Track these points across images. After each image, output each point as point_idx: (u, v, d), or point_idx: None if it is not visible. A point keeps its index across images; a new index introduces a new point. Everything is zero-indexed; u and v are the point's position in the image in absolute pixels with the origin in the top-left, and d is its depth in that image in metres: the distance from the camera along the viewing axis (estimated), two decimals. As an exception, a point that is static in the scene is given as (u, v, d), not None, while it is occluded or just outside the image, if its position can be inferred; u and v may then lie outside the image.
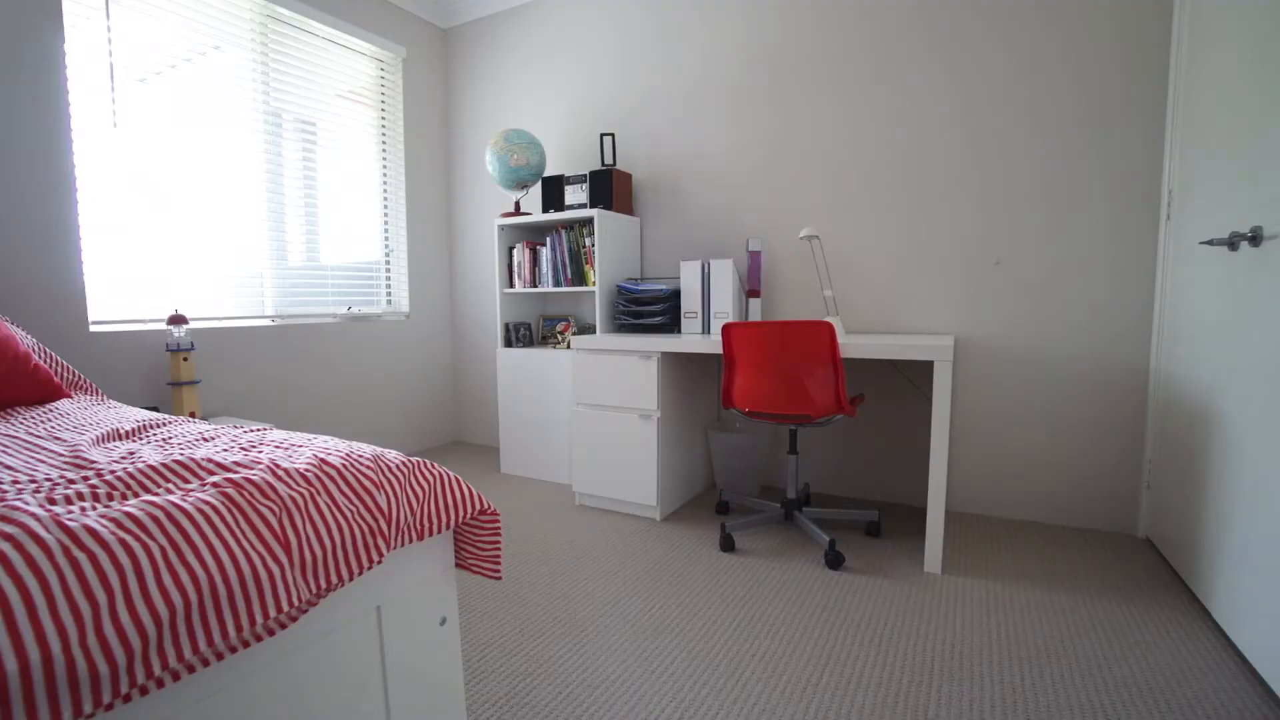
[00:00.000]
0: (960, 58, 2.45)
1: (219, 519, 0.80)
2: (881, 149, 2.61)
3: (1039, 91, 2.33)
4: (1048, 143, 2.33)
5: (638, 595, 1.91)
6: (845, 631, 1.70)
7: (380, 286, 3.54)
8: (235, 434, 1.23)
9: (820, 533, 2.15)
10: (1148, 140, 2.19)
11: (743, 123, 2.89)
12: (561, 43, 3.37)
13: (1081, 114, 2.27)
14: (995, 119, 2.41)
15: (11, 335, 1.70)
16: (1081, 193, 2.30)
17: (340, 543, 0.89)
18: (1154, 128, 2.18)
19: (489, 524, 1.13)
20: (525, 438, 3.16)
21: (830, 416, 2.15)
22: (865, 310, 2.71)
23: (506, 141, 2.99)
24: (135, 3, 2.44)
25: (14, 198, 2.11)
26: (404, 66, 3.56)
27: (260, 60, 2.88)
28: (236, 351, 2.80)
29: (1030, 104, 2.35)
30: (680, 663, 1.56)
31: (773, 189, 2.85)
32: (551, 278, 3.07)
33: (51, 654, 0.61)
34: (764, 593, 1.92)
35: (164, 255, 2.57)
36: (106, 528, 0.72)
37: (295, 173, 3.07)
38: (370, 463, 1.00)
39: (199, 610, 0.74)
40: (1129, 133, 2.22)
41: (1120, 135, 2.23)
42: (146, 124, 2.50)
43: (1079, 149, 2.29)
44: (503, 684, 1.48)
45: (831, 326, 2.03)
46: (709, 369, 2.96)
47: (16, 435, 1.26)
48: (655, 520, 2.54)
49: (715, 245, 3.01)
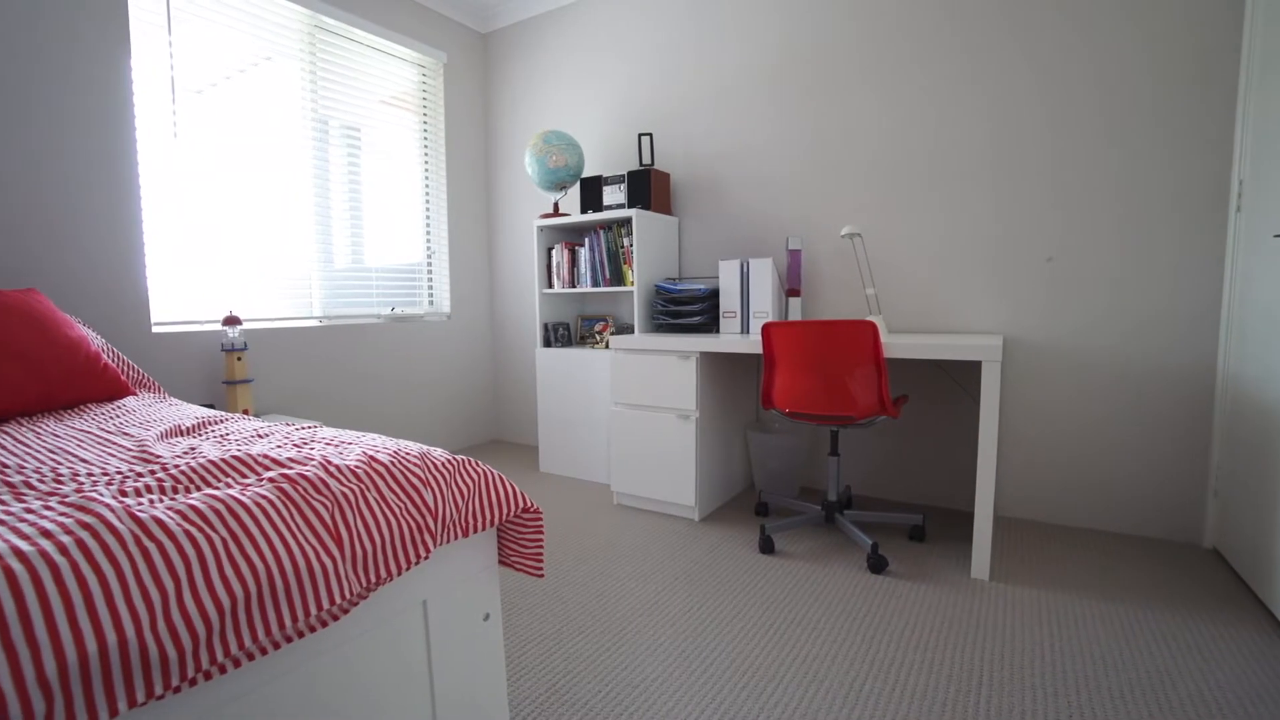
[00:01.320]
0: (1011, 50, 2.37)
1: (275, 513, 0.83)
2: (927, 144, 2.55)
3: (1098, 81, 2.24)
4: (1107, 133, 2.24)
5: (677, 595, 1.91)
6: (889, 637, 1.66)
7: (422, 288, 3.62)
8: (288, 431, 1.27)
9: (862, 536, 2.11)
10: (1216, 126, 2.08)
11: (782, 119, 2.86)
12: (599, 44, 3.38)
13: (1144, 102, 2.18)
14: (1048, 112, 2.32)
15: (84, 337, 1.80)
16: (1141, 183, 2.20)
17: (389, 538, 0.91)
18: (1223, 114, 2.07)
19: (532, 522, 1.14)
20: (564, 437, 3.19)
21: (873, 417, 2.10)
22: (908, 309, 2.65)
23: (545, 143, 3.02)
24: (194, 19, 2.54)
25: (86, 209, 2.23)
26: (445, 71, 3.63)
27: (309, 70, 2.97)
28: (286, 351, 2.90)
29: (1088, 93, 2.26)
30: (720, 665, 1.55)
31: (813, 186, 2.81)
32: (590, 278, 3.09)
33: (126, 638, 0.64)
34: (804, 596, 1.90)
35: (219, 259, 2.68)
36: (173, 519, 0.75)
37: (341, 177, 3.17)
38: (417, 460, 1.02)
39: (258, 600, 0.76)
40: (1195, 119, 2.11)
41: (1185, 122, 2.13)
42: (203, 134, 2.61)
43: (1140, 138, 2.19)
44: (543, 681, 1.50)
45: (874, 326, 2.00)
46: (748, 369, 2.93)
47: (89, 430, 1.33)
48: (694, 521, 2.53)
49: (754, 244, 2.98)
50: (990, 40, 2.40)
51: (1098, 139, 2.25)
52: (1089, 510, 2.38)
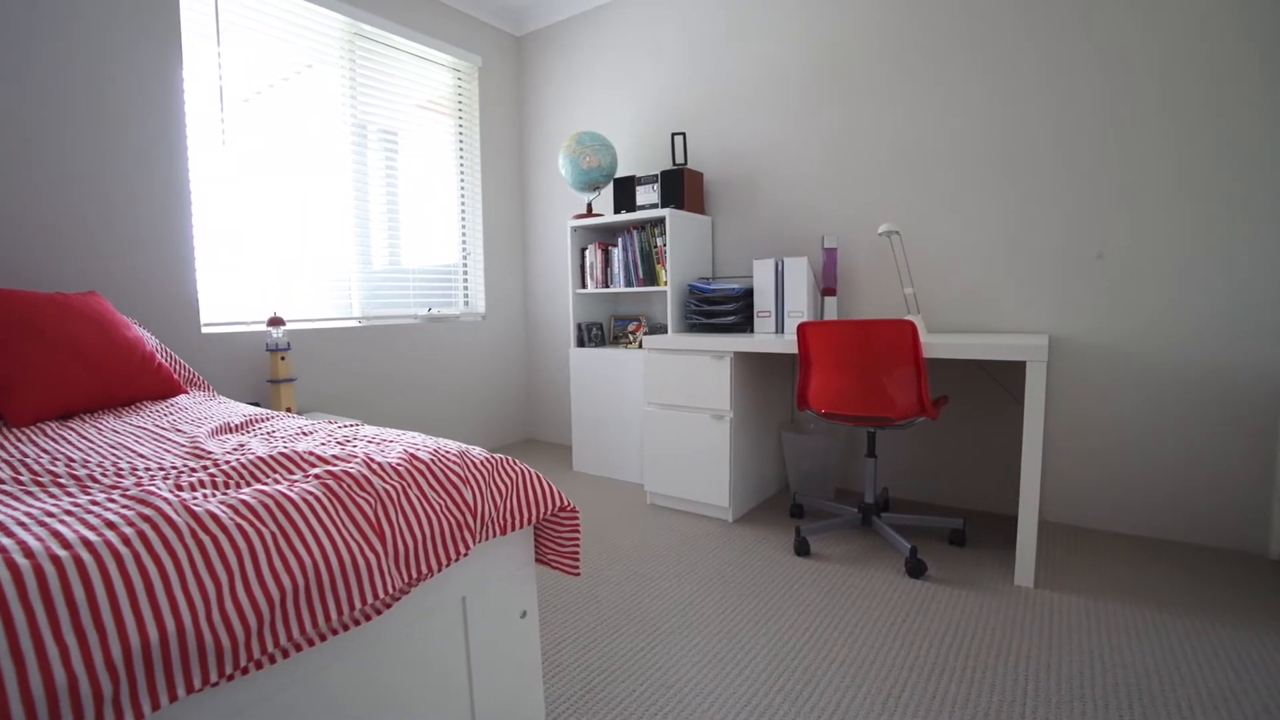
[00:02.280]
0: (1062, 42, 2.29)
1: (321, 509, 0.85)
2: (968, 139, 2.48)
3: (1159, 74, 2.15)
4: (1167, 126, 2.15)
5: (711, 597, 1.90)
6: (928, 644, 1.62)
7: (458, 288, 3.67)
8: (331, 429, 1.31)
9: (900, 539, 2.07)
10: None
11: (817, 116, 2.82)
12: (631, 44, 3.39)
13: (1206, 95, 2.09)
14: (1101, 105, 2.24)
15: (140, 337, 1.87)
16: (1203, 173, 2.11)
17: (430, 534, 0.93)
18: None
19: (568, 521, 1.15)
20: (597, 436, 3.20)
21: (912, 419, 2.06)
22: (948, 308, 2.59)
23: (578, 144, 3.04)
24: (241, 30, 2.63)
25: (142, 215, 2.32)
26: (479, 75, 3.68)
27: (348, 76, 3.04)
28: (327, 351, 2.97)
29: (1147, 87, 2.17)
30: (755, 667, 1.54)
31: (849, 184, 2.77)
32: (623, 278, 3.09)
33: (184, 626, 0.66)
34: (841, 599, 1.87)
35: (264, 262, 2.76)
36: (226, 513, 0.78)
37: (379, 181, 3.23)
38: (456, 459, 1.04)
39: (305, 594, 0.78)
40: (1261, 112, 2.01)
41: (1251, 115, 2.03)
42: (249, 140, 2.69)
43: (1203, 132, 2.10)
44: (578, 679, 1.50)
45: (914, 325, 1.95)
46: (782, 369, 2.90)
47: (145, 427, 1.38)
48: (727, 522, 2.51)
49: (789, 243, 2.95)
50: (1037, 31, 2.33)
51: (1156, 132, 2.17)
52: (1141, 516, 2.29)
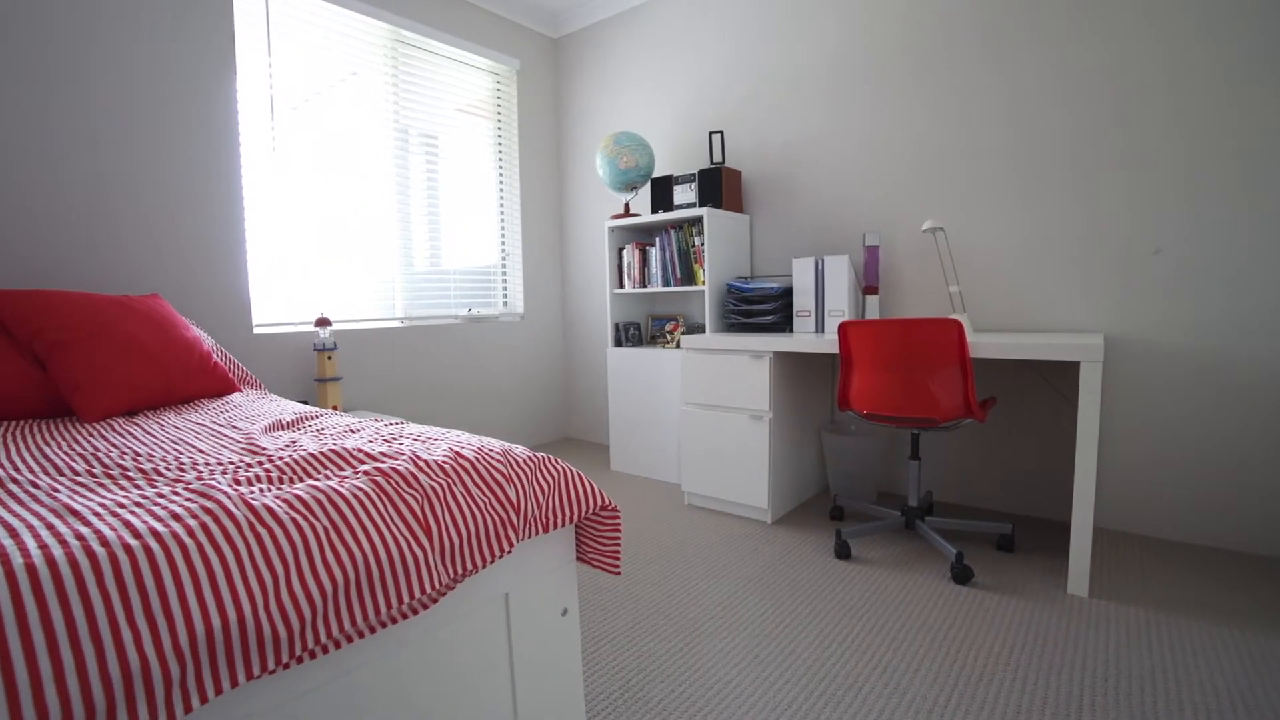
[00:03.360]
0: (1116, 23, 2.20)
1: (371, 504, 0.87)
2: (1016, 133, 2.40)
3: (1215, 56, 2.05)
4: (1224, 109, 2.05)
5: (749, 598, 1.88)
6: (976, 652, 1.58)
7: (497, 289, 3.73)
8: (377, 427, 1.34)
9: (946, 544, 2.02)
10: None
11: (858, 112, 2.77)
12: (668, 44, 3.38)
13: (1272, 75, 1.98)
14: (1155, 89, 2.15)
15: (198, 338, 1.95)
16: (1268, 164, 2.00)
17: (475, 531, 0.94)
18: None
19: (610, 520, 1.15)
20: (634, 436, 3.21)
21: (957, 420, 2.01)
22: (996, 306, 2.51)
23: (616, 144, 3.05)
24: (291, 40, 2.72)
25: (200, 222, 2.42)
26: (518, 78, 3.72)
27: (391, 82, 3.12)
28: (371, 350, 3.05)
29: (1202, 69, 2.07)
30: (795, 671, 1.52)
31: (891, 180, 2.71)
32: (661, 277, 3.09)
33: (244, 615, 0.68)
34: (884, 604, 1.83)
35: (311, 264, 2.85)
36: (281, 507, 0.80)
37: (420, 184, 3.30)
38: (500, 457, 1.05)
39: (355, 586, 0.80)
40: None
41: (1319, 100, 1.92)
42: (297, 147, 2.78)
43: (1264, 115, 1.99)
44: (616, 678, 1.51)
45: (960, 324, 1.90)
46: (822, 369, 2.86)
47: (204, 423, 1.44)
48: (766, 523, 2.49)
49: (829, 241, 2.90)
50: (1092, 16, 2.24)
51: (1217, 122, 2.06)
52: (1202, 524, 2.18)
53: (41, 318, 1.65)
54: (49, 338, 1.62)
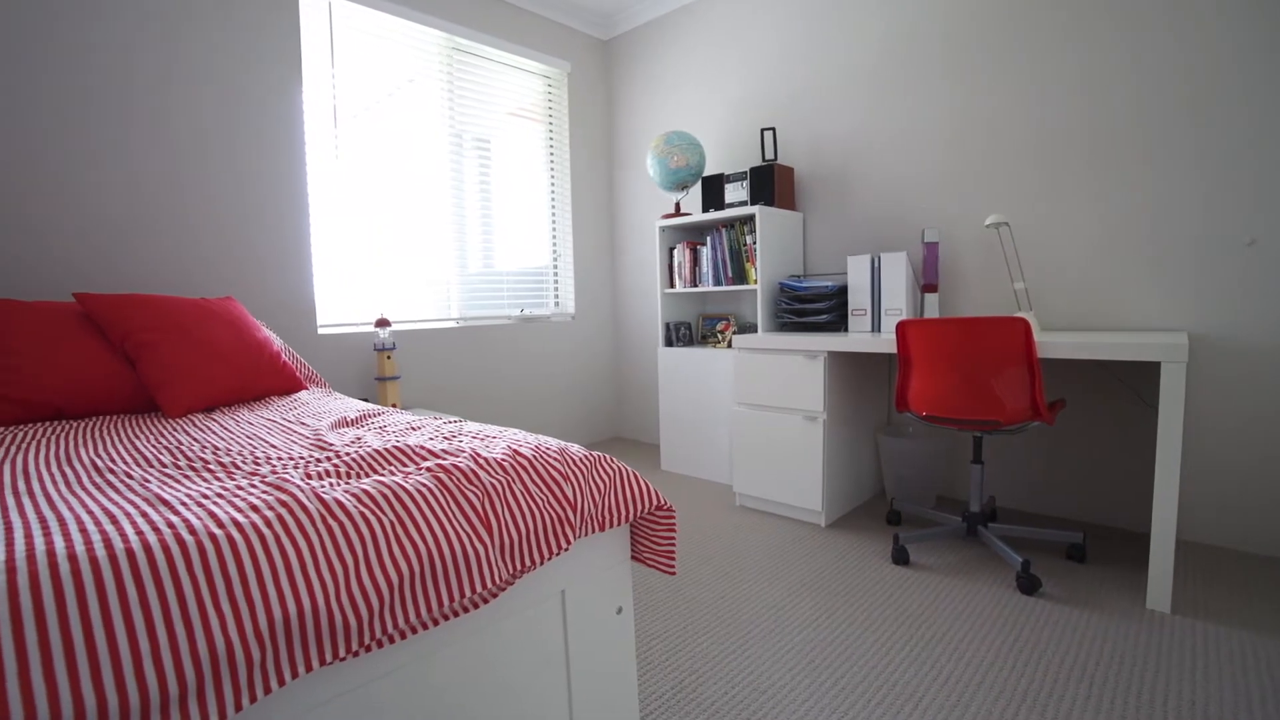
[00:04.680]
0: (1196, 19, 2.07)
1: (434, 500, 0.89)
2: (1086, 122, 2.28)
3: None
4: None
5: (804, 602, 1.85)
6: (1046, 666, 1.50)
7: (549, 289, 3.78)
8: (437, 425, 1.37)
9: (1011, 552, 1.93)
10: None
11: (915, 105, 2.68)
12: (718, 41, 3.36)
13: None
14: (1237, 68, 2.00)
15: (268, 338, 2.05)
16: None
17: (534, 528, 0.96)
18: None
19: (665, 520, 1.15)
20: (685, 436, 3.20)
21: (1023, 423, 1.92)
22: (1065, 304, 2.39)
23: (667, 144, 3.05)
24: (353, 50, 2.82)
25: (270, 228, 2.55)
26: (568, 80, 3.76)
27: (446, 88, 3.20)
28: (428, 350, 3.14)
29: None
30: (853, 678, 1.48)
31: (951, 175, 2.61)
32: (712, 277, 3.07)
33: (317, 604, 0.71)
34: (945, 613, 1.77)
35: (371, 267, 2.95)
36: (350, 501, 0.83)
37: (473, 187, 3.38)
38: (557, 455, 1.06)
39: (420, 579, 0.83)
40: None
41: None
42: (358, 153, 2.89)
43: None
44: (669, 678, 1.50)
45: (1026, 323, 1.82)
46: (879, 369, 2.78)
47: (275, 420, 1.51)
48: (820, 526, 2.44)
49: (886, 238, 2.83)
50: (1167, 5, 2.11)
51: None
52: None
53: (131, 320, 1.76)
54: (138, 339, 1.73)
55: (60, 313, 1.75)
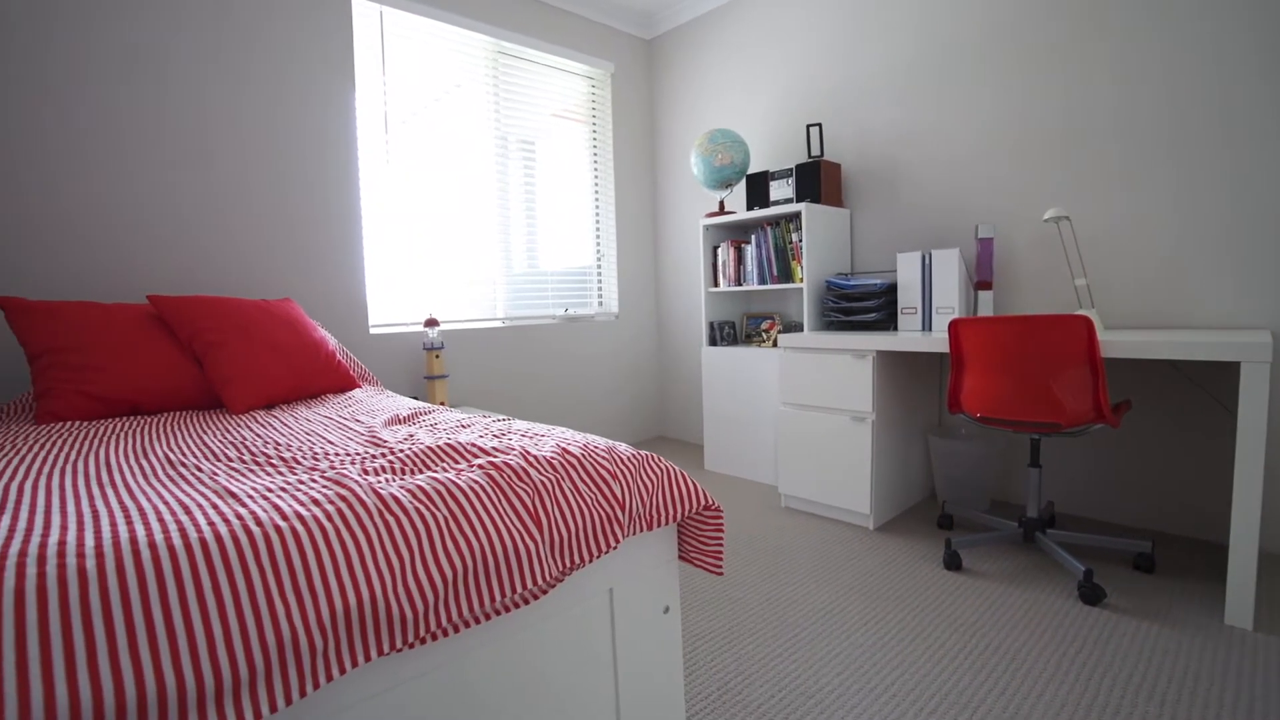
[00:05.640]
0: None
1: (486, 497, 0.91)
2: (1155, 109, 2.16)
3: None
4: None
5: (852, 606, 1.81)
6: (1113, 680, 1.43)
7: (592, 289, 3.80)
8: (486, 423, 1.40)
9: (1072, 560, 1.85)
10: None
11: (967, 96, 2.60)
12: (762, 37, 3.32)
13: None
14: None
15: (324, 338, 2.12)
16: None
17: (582, 526, 0.96)
18: None
19: (713, 520, 1.14)
20: (729, 436, 3.18)
21: (1085, 426, 1.84)
22: (1130, 301, 2.28)
23: (711, 142, 3.03)
24: (402, 58, 2.90)
25: (326, 231, 2.64)
26: (611, 81, 3.78)
27: (492, 91, 3.25)
28: (474, 349, 3.20)
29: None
30: (904, 685, 1.44)
31: (1006, 168, 2.52)
32: (757, 275, 3.04)
33: (375, 596, 0.73)
34: (1001, 621, 1.70)
35: (420, 268, 3.02)
36: (406, 497, 0.85)
37: (518, 188, 3.42)
38: (605, 454, 1.07)
39: (473, 575, 0.84)
40: None
41: None
42: (407, 158, 2.96)
43: None
44: (715, 679, 1.50)
45: (1089, 320, 1.74)
46: (929, 369, 2.70)
47: (331, 417, 1.56)
48: (868, 529, 2.39)
49: (937, 234, 2.74)
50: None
51: None
52: (1398, 551, 1.88)
53: (198, 321, 1.85)
54: (204, 339, 1.82)
55: (135, 314, 1.85)
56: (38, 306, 1.71)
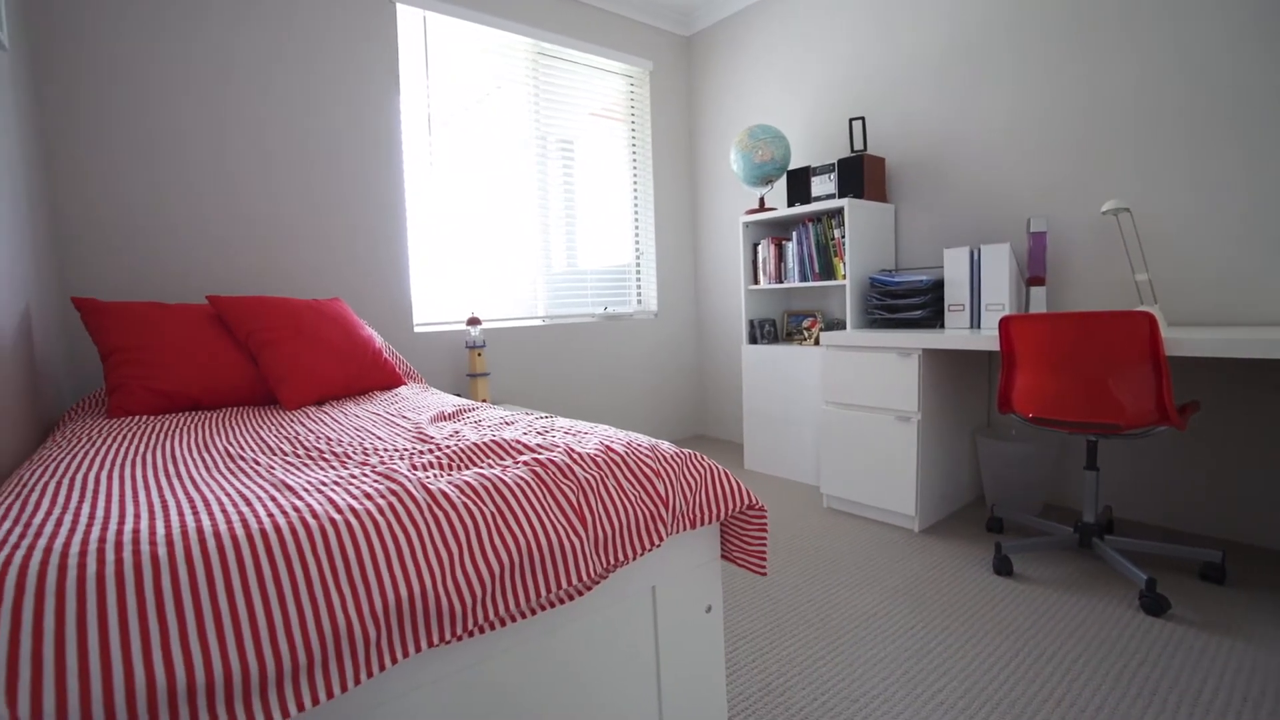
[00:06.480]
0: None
1: (531, 493, 0.92)
2: (1217, 89, 2.05)
3: None
4: None
5: (897, 610, 1.77)
6: (1180, 696, 1.37)
7: (631, 288, 3.81)
8: (529, 420, 1.41)
9: (1133, 568, 1.77)
10: None
11: (1018, 85, 2.50)
12: (802, 30, 3.27)
13: None
14: None
15: (371, 336, 2.18)
16: None
17: (626, 523, 0.97)
18: None
19: (756, 519, 1.13)
20: (770, 435, 3.14)
21: (1147, 428, 1.76)
22: (1198, 296, 2.16)
23: (751, 138, 3.00)
24: (444, 61, 2.95)
25: (372, 232, 2.71)
26: (650, 79, 3.78)
27: (532, 92, 3.28)
28: (515, 348, 3.24)
29: None
30: (952, 693, 1.40)
31: (1058, 159, 2.42)
32: (798, 273, 3.00)
33: (425, 588, 0.75)
34: (1055, 629, 1.64)
35: (462, 267, 3.08)
36: (454, 492, 0.87)
37: (557, 188, 3.45)
38: (648, 451, 1.07)
39: (519, 569, 0.85)
40: None
41: None
42: (450, 159, 3.01)
43: None
44: (756, 679, 1.48)
45: (1152, 317, 1.66)
46: (977, 368, 2.62)
47: (379, 413, 1.60)
48: (913, 531, 2.33)
49: (985, 229, 2.66)
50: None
51: None
52: None
53: (254, 320, 1.92)
54: (260, 337, 1.89)
55: (196, 314, 1.94)
56: (109, 307, 1.81)
